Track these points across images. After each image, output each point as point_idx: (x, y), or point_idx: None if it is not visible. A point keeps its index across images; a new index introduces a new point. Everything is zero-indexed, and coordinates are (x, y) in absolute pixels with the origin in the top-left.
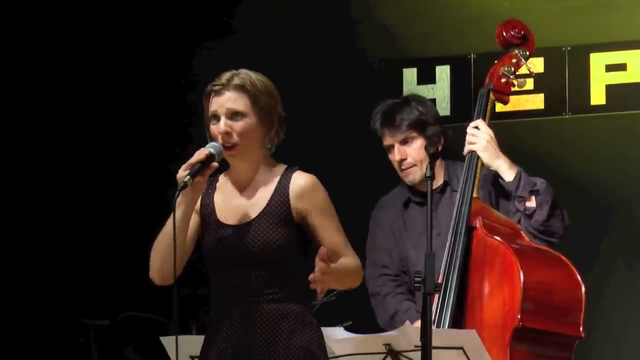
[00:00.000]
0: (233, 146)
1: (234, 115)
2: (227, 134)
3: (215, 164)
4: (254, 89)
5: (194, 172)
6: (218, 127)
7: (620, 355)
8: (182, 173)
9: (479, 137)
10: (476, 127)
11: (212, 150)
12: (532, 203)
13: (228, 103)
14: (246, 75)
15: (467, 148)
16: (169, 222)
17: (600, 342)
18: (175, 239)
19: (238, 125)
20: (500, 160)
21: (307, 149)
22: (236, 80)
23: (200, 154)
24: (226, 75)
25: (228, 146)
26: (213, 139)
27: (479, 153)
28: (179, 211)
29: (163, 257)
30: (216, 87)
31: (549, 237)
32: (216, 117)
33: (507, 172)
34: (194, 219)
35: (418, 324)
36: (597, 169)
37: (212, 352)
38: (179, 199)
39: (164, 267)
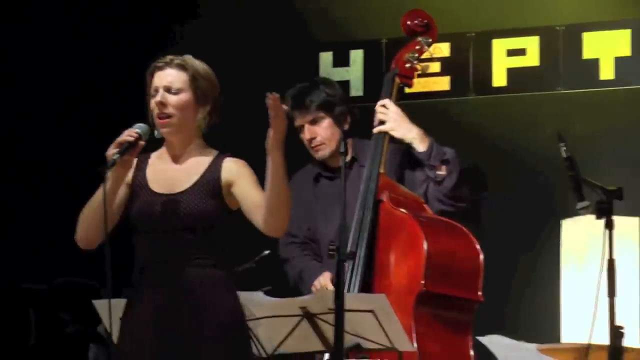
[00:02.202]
0: (167, 117)
1: (171, 89)
2: (162, 104)
3: (142, 143)
4: (193, 70)
5: (122, 151)
6: (155, 99)
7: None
8: (112, 151)
9: (388, 117)
10: (383, 106)
11: (139, 131)
12: (442, 171)
13: (168, 78)
14: (189, 58)
15: (378, 129)
16: (97, 194)
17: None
18: (105, 210)
19: (174, 98)
20: (413, 134)
21: (224, 129)
22: (178, 60)
23: (128, 134)
24: (171, 56)
25: (162, 117)
26: (151, 114)
27: (392, 132)
28: (107, 185)
29: (89, 224)
30: (159, 64)
31: (457, 203)
32: (156, 91)
33: (420, 144)
34: (123, 191)
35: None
36: (499, 146)
37: (136, 314)
38: (107, 174)
39: (89, 234)
